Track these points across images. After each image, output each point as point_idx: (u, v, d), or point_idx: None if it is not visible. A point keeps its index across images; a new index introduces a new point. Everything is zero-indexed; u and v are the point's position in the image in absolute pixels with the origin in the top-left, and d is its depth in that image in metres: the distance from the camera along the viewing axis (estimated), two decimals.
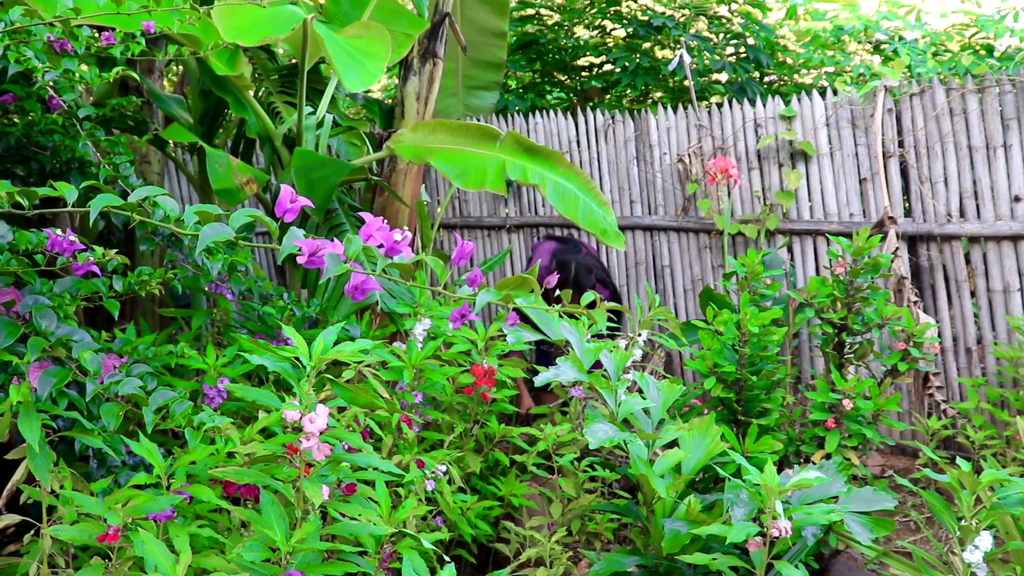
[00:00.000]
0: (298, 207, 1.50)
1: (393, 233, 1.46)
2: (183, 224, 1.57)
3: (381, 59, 2.75)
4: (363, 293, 1.46)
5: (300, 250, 1.42)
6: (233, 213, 1.55)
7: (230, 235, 1.50)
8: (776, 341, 2.85)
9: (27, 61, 2.13)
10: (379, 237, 1.45)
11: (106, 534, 1.47)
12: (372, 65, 2.70)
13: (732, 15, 6.43)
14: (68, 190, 1.60)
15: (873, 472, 3.73)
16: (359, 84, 2.72)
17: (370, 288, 1.46)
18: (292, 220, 1.51)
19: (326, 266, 1.41)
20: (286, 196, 1.50)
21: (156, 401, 1.70)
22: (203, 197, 3.89)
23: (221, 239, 1.48)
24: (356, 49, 2.75)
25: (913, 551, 2.26)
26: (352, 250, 1.43)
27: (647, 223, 4.66)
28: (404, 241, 1.46)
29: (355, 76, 2.71)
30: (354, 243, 1.43)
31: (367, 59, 2.72)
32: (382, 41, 2.82)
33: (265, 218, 1.53)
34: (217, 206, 3.76)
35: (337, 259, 1.42)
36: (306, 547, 1.47)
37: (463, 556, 2.49)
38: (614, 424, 2.19)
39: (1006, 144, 3.65)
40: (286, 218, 1.51)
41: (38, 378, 1.62)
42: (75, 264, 1.70)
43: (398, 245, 1.45)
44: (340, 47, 2.72)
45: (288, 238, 1.44)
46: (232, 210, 5.95)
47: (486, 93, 5.19)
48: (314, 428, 1.49)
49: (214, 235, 1.48)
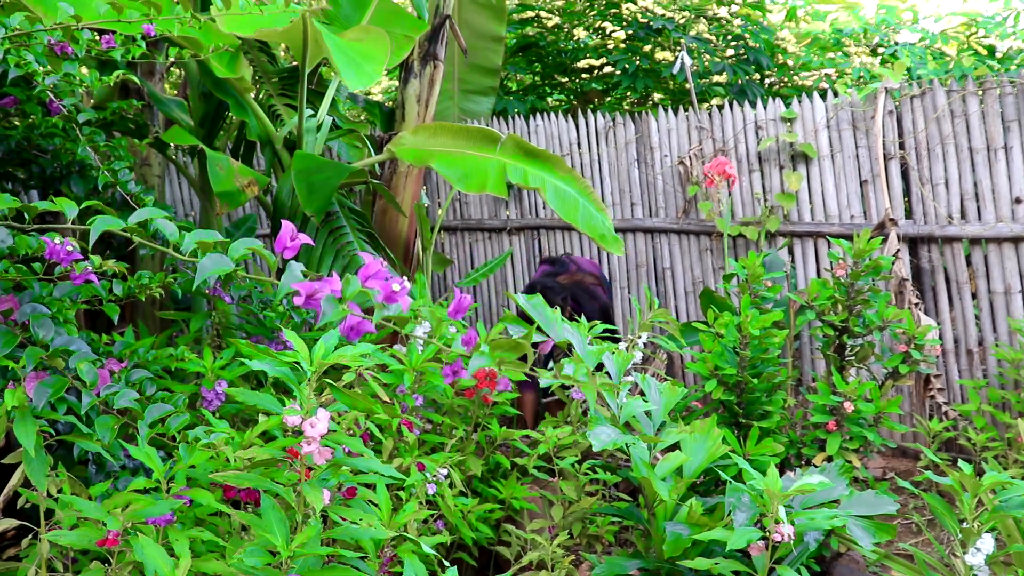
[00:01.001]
0: (298, 245, 1.50)
1: (391, 282, 1.45)
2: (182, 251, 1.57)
3: (379, 62, 2.76)
4: (358, 334, 1.46)
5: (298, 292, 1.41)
6: (232, 244, 1.54)
7: (229, 268, 1.50)
8: (777, 344, 2.85)
9: (27, 65, 2.13)
10: (376, 285, 1.44)
11: (106, 538, 1.46)
12: (370, 67, 2.72)
13: (732, 17, 6.43)
14: (68, 206, 1.60)
15: (874, 474, 3.73)
16: (357, 83, 2.75)
17: (365, 330, 1.46)
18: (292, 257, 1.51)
19: (323, 311, 1.40)
20: (286, 234, 1.49)
21: (152, 415, 1.70)
22: (204, 199, 3.89)
23: (220, 272, 1.47)
24: (355, 51, 2.77)
25: (915, 553, 2.26)
26: (350, 292, 1.42)
27: (648, 225, 4.66)
28: (402, 292, 1.45)
29: (353, 76, 2.74)
30: (352, 284, 1.42)
31: (365, 61, 2.74)
32: (381, 45, 2.83)
33: (264, 252, 1.53)
34: (218, 208, 3.76)
35: (335, 302, 1.41)
36: (307, 552, 1.46)
37: (464, 559, 2.49)
38: (616, 427, 2.19)
39: (1007, 146, 3.64)
40: (285, 255, 1.50)
41: (34, 388, 1.61)
42: (73, 274, 1.69)
43: (395, 295, 1.44)
44: (340, 48, 2.73)
45: (287, 278, 1.43)
46: (232, 214, 5.93)
47: (482, 98, 5.20)
48: (315, 432, 1.48)
49: (213, 268, 1.48)
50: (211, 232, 1.57)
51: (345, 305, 1.41)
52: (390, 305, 1.43)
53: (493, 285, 5.39)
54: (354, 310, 1.42)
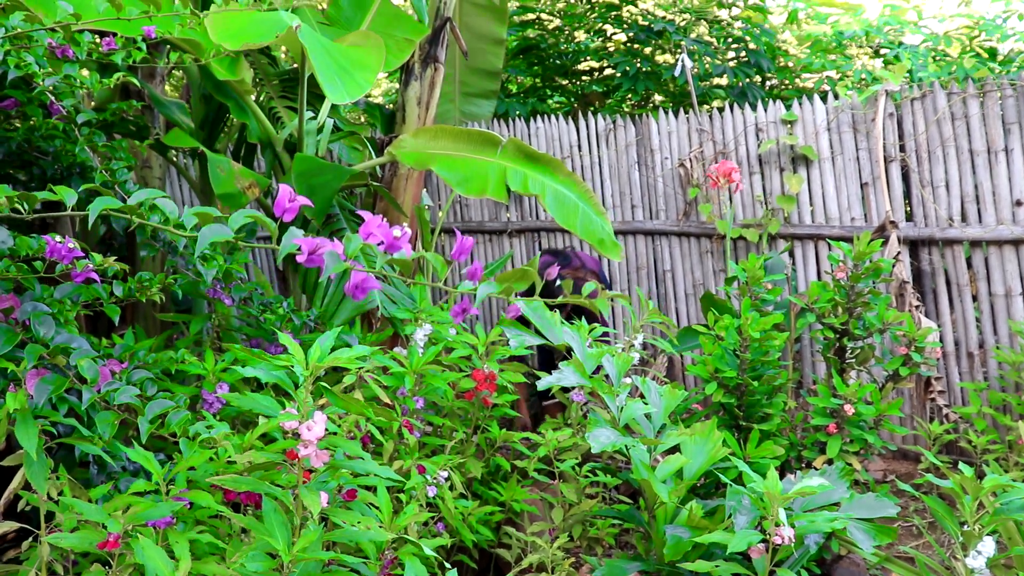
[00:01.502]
0: (297, 206, 1.50)
1: (393, 229, 1.45)
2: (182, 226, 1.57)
3: (372, 70, 2.68)
4: (364, 292, 1.46)
5: (299, 249, 1.42)
6: (232, 215, 1.54)
7: (229, 236, 1.50)
8: (777, 346, 2.84)
9: (27, 67, 2.13)
10: (378, 234, 1.45)
11: (106, 541, 1.46)
12: (361, 76, 2.62)
13: (733, 20, 6.43)
14: (68, 194, 1.60)
15: (875, 477, 3.72)
16: (344, 96, 2.57)
17: (371, 287, 1.46)
18: (291, 220, 1.51)
19: (325, 264, 1.40)
20: (284, 196, 1.49)
21: (152, 411, 1.69)
22: (204, 202, 3.89)
23: (220, 239, 1.47)
24: (347, 59, 2.71)
25: (915, 556, 2.25)
26: (352, 248, 1.42)
27: (648, 228, 4.66)
28: (404, 237, 1.45)
29: (340, 87, 2.57)
30: (353, 241, 1.43)
31: (357, 70, 2.65)
32: (376, 52, 2.78)
33: (264, 218, 1.53)
34: (219, 211, 3.76)
35: (336, 257, 1.41)
36: (308, 556, 1.46)
37: (464, 562, 2.49)
38: (616, 429, 2.19)
39: (1007, 148, 3.64)
40: (285, 217, 1.50)
41: (35, 385, 1.61)
42: (74, 272, 1.69)
43: (397, 241, 1.45)
44: (329, 56, 2.63)
45: (287, 237, 1.44)
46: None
47: (483, 101, 5.19)
48: (311, 436, 1.48)
49: (213, 236, 1.48)
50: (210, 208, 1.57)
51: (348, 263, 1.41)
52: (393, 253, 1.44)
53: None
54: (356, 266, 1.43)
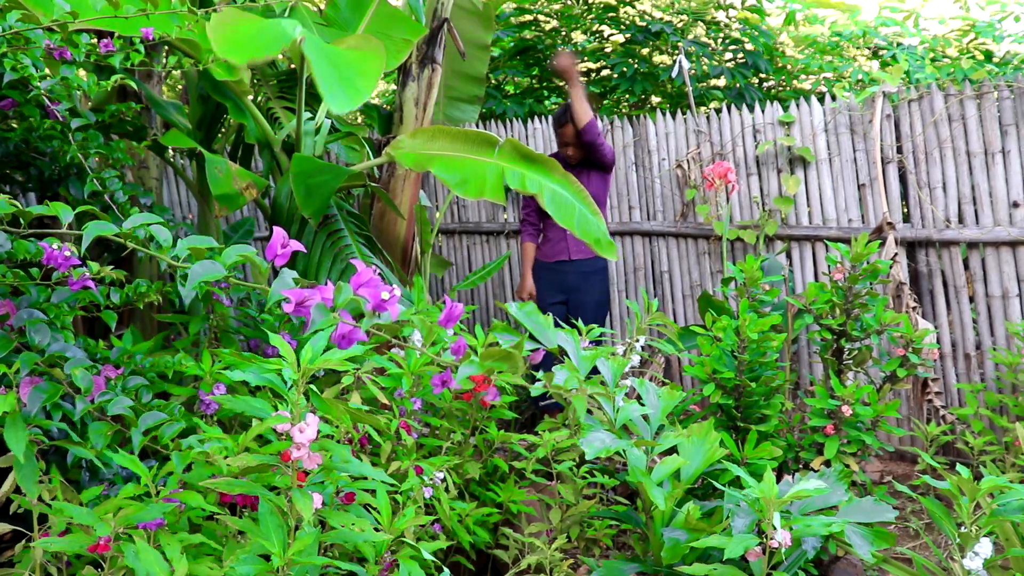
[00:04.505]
0: (289, 252, 1.49)
1: (382, 290, 1.44)
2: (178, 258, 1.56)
3: (373, 76, 2.66)
4: (349, 343, 1.45)
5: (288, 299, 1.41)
6: (225, 250, 1.53)
7: (221, 273, 1.49)
8: (775, 347, 2.84)
9: (24, 68, 2.13)
10: (367, 294, 1.44)
11: (96, 544, 1.46)
12: (362, 83, 2.59)
13: (730, 21, 6.44)
14: (63, 210, 1.60)
15: (872, 478, 3.72)
16: (346, 104, 2.52)
17: (356, 339, 1.45)
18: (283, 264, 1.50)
19: (312, 318, 1.39)
20: (277, 241, 1.48)
21: (145, 423, 1.69)
22: (202, 202, 3.89)
23: (211, 279, 1.46)
24: (349, 65, 2.68)
25: (913, 557, 2.25)
26: (341, 300, 1.41)
27: (646, 229, 4.66)
28: (392, 300, 1.44)
29: (342, 96, 2.52)
30: (343, 292, 1.42)
31: (358, 76, 2.62)
32: (377, 57, 2.76)
33: (256, 259, 1.52)
34: (216, 211, 3.75)
35: (325, 310, 1.40)
36: (304, 560, 1.45)
37: (461, 563, 2.48)
38: (612, 431, 2.19)
39: (1004, 150, 3.65)
40: (276, 263, 1.50)
41: (28, 394, 1.61)
42: (71, 279, 1.69)
43: (385, 304, 1.43)
44: (331, 65, 2.60)
45: (277, 284, 1.43)
46: (231, 216, 5.92)
47: (468, 106, 5.18)
48: (303, 438, 1.48)
49: (204, 274, 1.47)
50: (205, 238, 1.56)
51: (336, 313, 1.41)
52: (380, 313, 1.43)
53: (491, 288, 5.39)
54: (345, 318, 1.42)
